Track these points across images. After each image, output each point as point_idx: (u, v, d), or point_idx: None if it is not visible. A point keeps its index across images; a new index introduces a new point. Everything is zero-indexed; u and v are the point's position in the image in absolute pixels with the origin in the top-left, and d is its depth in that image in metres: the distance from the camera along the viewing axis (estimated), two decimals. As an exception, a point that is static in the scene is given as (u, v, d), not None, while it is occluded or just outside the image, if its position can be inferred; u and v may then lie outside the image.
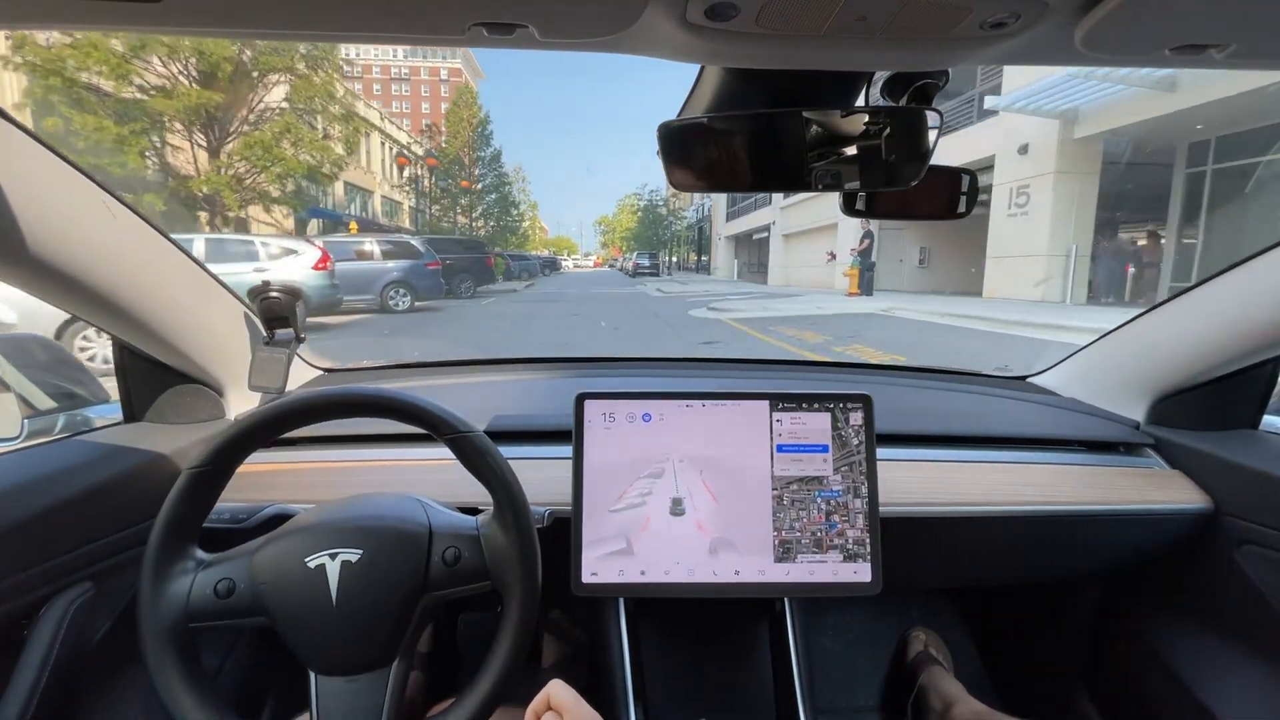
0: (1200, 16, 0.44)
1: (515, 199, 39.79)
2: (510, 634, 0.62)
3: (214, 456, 0.61)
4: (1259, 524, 0.89)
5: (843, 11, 0.44)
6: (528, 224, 52.30)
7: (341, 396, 0.63)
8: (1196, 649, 0.99)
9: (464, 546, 0.63)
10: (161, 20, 0.45)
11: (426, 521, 0.64)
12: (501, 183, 35.91)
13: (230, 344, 0.96)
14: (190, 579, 0.60)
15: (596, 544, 0.80)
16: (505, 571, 0.63)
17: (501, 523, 0.64)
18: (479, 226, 34.83)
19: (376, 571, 0.60)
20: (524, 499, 0.64)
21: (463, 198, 34.11)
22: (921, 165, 0.64)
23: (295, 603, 0.59)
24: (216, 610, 0.59)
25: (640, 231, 51.15)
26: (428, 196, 33.96)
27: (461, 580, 0.62)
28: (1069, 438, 1.07)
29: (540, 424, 1.01)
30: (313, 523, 0.63)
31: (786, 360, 1.68)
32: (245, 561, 0.61)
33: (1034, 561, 1.05)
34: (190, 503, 0.61)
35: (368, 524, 0.62)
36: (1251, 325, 0.87)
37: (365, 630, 0.60)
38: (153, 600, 0.58)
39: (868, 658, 1.41)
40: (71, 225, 0.68)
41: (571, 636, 1.27)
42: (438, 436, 0.64)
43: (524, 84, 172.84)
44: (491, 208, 36.11)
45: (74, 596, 0.75)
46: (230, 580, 0.60)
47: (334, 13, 0.44)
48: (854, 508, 0.82)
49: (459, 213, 34.10)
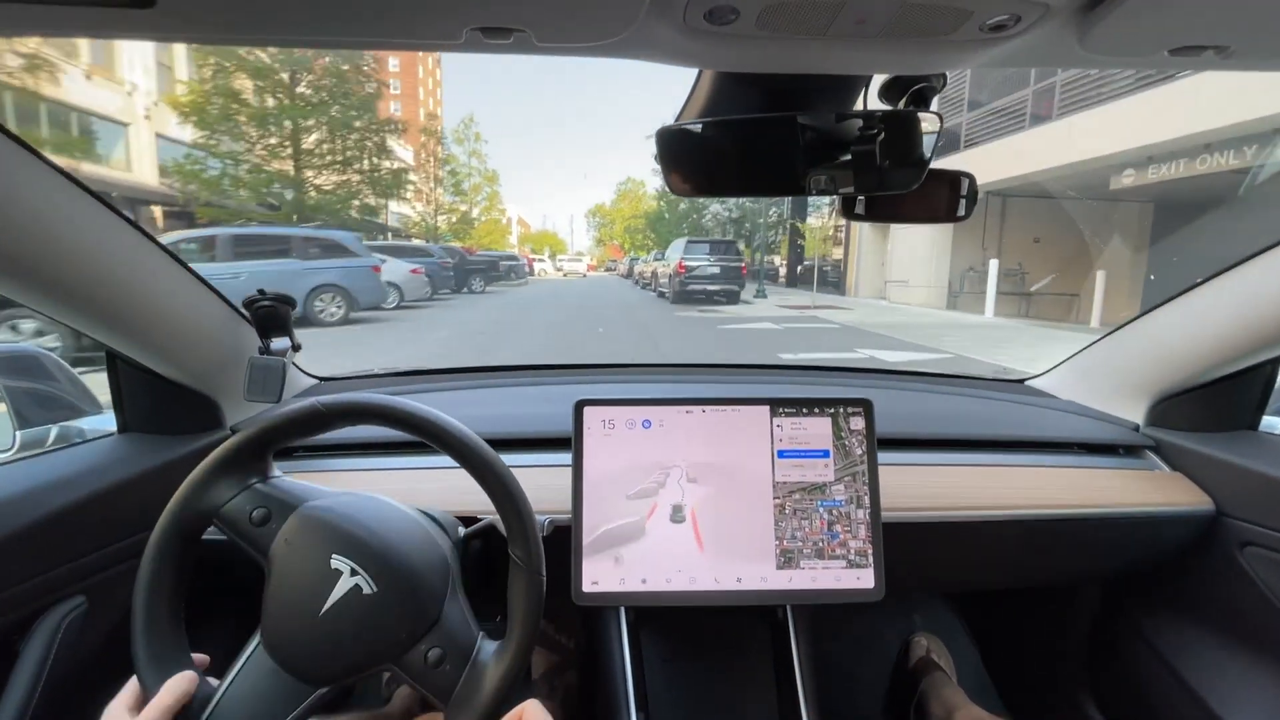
0: (1199, 19, 0.44)
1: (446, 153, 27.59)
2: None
3: (338, 408, 0.62)
4: (1261, 525, 0.89)
5: (843, 14, 0.43)
6: (482, 203, 34.83)
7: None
8: (1201, 652, 0.98)
9: (452, 659, 0.60)
10: (153, 27, 0.44)
11: (439, 605, 0.61)
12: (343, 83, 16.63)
13: (225, 353, 0.95)
14: (241, 489, 0.61)
15: (597, 552, 0.79)
16: (464, 706, 0.59)
17: (498, 656, 0.60)
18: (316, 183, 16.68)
19: (372, 617, 0.58)
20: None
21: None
22: (921, 169, 0.64)
23: (294, 582, 0.59)
24: (239, 529, 0.60)
25: (661, 217, 33.15)
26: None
27: (425, 684, 0.59)
28: (1069, 440, 1.07)
29: (539, 431, 1.00)
30: (365, 520, 0.62)
31: (786, 365, 1.68)
32: (291, 509, 0.61)
33: (1035, 565, 1.04)
34: (299, 429, 0.62)
35: (402, 568, 0.60)
36: (1250, 326, 0.87)
37: (324, 651, 0.58)
38: (205, 477, 0.60)
39: (870, 664, 1.40)
40: (63, 234, 0.67)
41: (559, 647, 1.26)
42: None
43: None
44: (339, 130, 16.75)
45: (67, 610, 0.74)
46: (268, 513, 0.61)
47: (329, 19, 0.44)
48: (856, 517, 0.81)
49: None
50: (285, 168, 16.36)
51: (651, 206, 39.26)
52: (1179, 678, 0.99)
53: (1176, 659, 1.00)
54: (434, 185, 28.74)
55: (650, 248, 31.24)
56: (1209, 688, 0.94)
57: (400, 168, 19.80)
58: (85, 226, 0.69)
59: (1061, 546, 0.99)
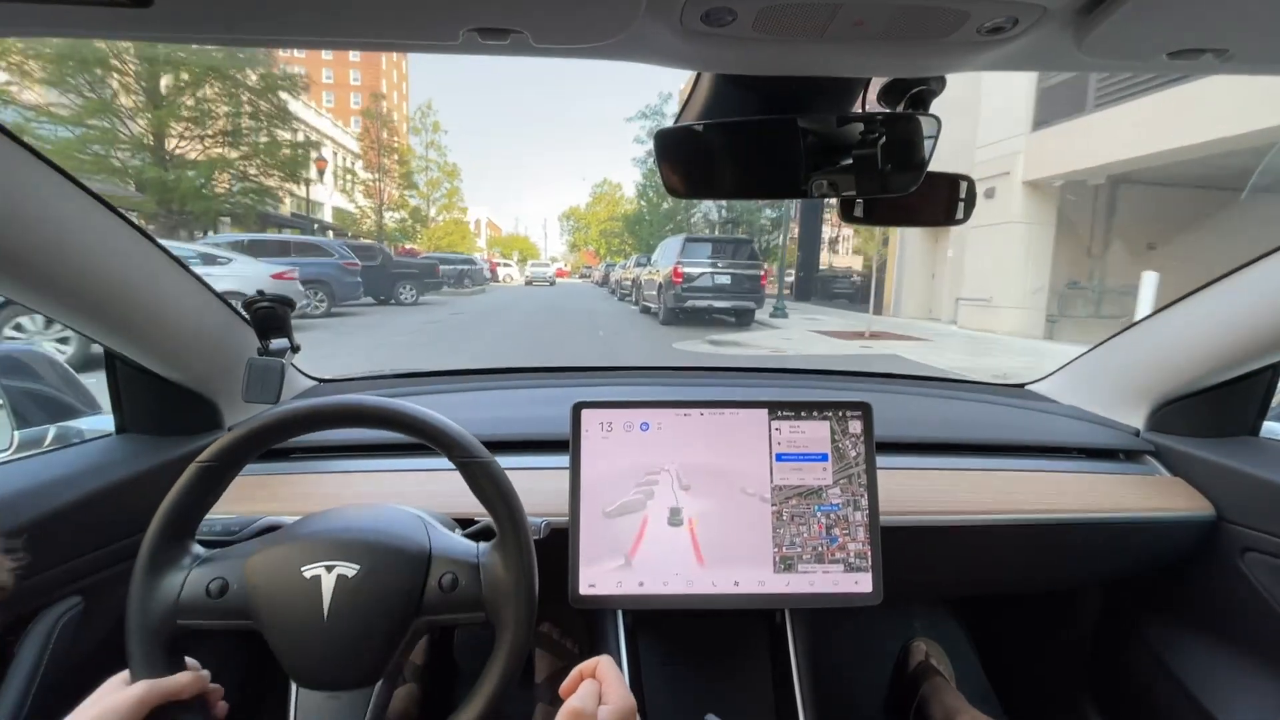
0: (1197, 22, 0.44)
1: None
2: (501, 663, 0.60)
3: (224, 453, 0.60)
4: (1262, 531, 0.88)
5: (840, 16, 0.43)
6: (440, 200, 31.83)
7: (351, 407, 0.62)
8: (1202, 657, 0.98)
9: (462, 574, 0.61)
10: (149, 27, 0.44)
11: (427, 543, 0.63)
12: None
13: (223, 354, 0.95)
14: (184, 575, 0.59)
15: (594, 555, 0.79)
16: (501, 605, 0.61)
17: (503, 554, 0.62)
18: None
19: (371, 589, 0.58)
20: (529, 534, 0.63)
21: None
22: (919, 171, 0.64)
23: (285, 612, 0.58)
24: (207, 609, 0.58)
25: (640, 219, 27.18)
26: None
27: (456, 608, 0.61)
28: (1069, 445, 1.07)
29: (537, 434, 1.00)
30: (312, 531, 0.62)
31: (785, 369, 1.68)
32: (240, 563, 0.60)
33: (1035, 570, 1.04)
34: (193, 497, 0.60)
35: (368, 538, 0.61)
36: (1250, 331, 0.87)
37: (353, 647, 0.58)
38: (144, 593, 0.57)
39: (869, 669, 1.39)
40: (62, 234, 0.67)
41: (563, 650, 1.26)
42: (449, 458, 0.63)
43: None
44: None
45: (62, 611, 0.74)
46: (223, 580, 0.59)
47: (325, 20, 0.44)
48: (855, 521, 0.81)
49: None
50: (141, 131, 12.49)
51: (630, 208, 33.55)
52: (1179, 683, 0.98)
53: (1177, 664, 1.00)
54: (377, 177, 25.71)
55: (627, 252, 27.49)
56: (1210, 693, 0.94)
57: (309, 142, 15.65)
58: (84, 227, 0.70)
59: (1061, 551, 0.98)
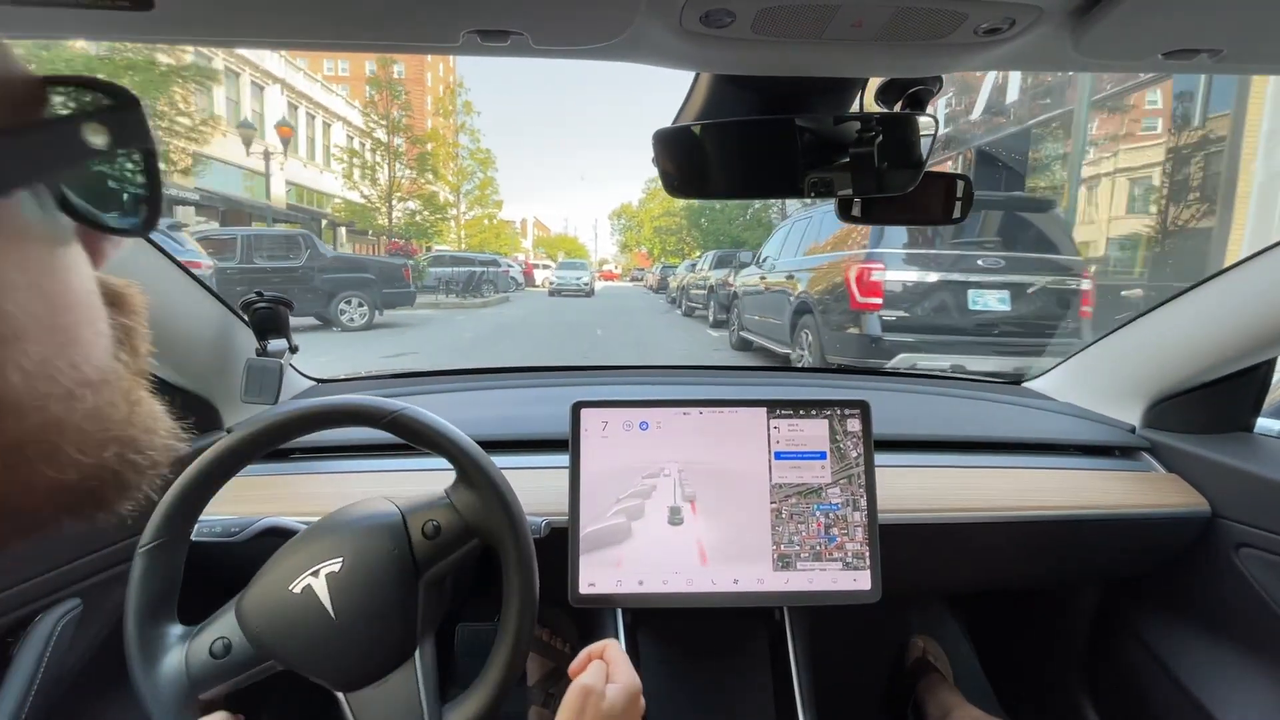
0: (1193, 21, 0.45)
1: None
2: (517, 587, 0.60)
3: (162, 528, 0.58)
4: (1256, 527, 0.89)
5: (838, 18, 0.44)
6: (471, 192, 26.54)
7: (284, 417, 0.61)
8: (1198, 653, 0.99)
9: (439, 516, 0.62)
10: (150, 29, 0.44)
11: (395, 508, 0.63)
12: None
13: (221, 355, 0.95)
14: (182, 651, 0.57)
15: (594, 554, 0.79)
16: (489, 524, 0.61)
17: (466, 480, 0.63)
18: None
19: (364, 572, 0.58)
20: (477, 449, 0.63)
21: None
22: (917, 171, 0.64)
23: (295, 631, 0.57)
24: (220, 671, 0.57)
25: (707, 209, 21.32)
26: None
27: (449, 548, 0.61)
28: (1065, 442, 1.07)
29: (536, 433, 1.00)
30: (284, 553, 0.62)
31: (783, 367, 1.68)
32: (231, 616, 0.59)
33: (1031, 566, 1.04)
34: (152, 583, 0.58)
35: (339, 531, 0.61)
36: (1245, 328, 0.87)
37: (375, 632, 0.58)
38: (151, 686, 0.56)
39: (867, 665, 1.40)
40: None
41: (555, 653, 1.26)
42: (379, 427, 0.62)
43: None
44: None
45: (62, 613, 0.73)
46: (224, 639, 0.58)
47: (326, 21, 0.44)
48: (853, 520, 0.81)
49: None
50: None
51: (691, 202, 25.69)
52: (1175, 678, 0.99)
53: (1172, 659, 1.01)
54: (380, 161, 20.30)
55: (685, 252, 22.46)
56: (1205, 688, 0.95)
57: (225, 70, 12.09)
58: None
59: (1057, 548, 0.99)
